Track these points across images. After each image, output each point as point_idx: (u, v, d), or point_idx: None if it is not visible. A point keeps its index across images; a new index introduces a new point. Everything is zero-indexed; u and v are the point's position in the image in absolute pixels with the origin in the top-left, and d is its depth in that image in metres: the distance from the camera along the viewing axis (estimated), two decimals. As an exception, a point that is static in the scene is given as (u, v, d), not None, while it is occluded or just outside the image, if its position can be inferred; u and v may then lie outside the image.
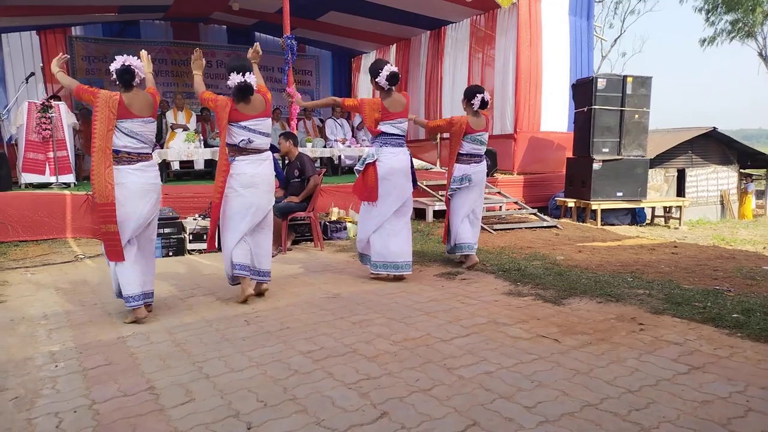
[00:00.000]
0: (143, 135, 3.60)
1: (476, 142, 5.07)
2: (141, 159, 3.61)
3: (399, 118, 4.61)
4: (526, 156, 9.85)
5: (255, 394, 2.51)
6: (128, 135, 3.53)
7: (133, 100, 3.57)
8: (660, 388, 2.49)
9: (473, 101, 5.01)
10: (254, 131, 3.97)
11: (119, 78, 3.54)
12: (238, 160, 3.97)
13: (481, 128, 5.07)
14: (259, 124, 3.99)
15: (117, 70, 3.52)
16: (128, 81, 3.55)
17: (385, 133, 4.58)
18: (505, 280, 4.58)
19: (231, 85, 3.90)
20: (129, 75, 3.53)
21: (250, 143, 3.96)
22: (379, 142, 4.61)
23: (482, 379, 2.62)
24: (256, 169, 3.99)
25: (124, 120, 3.51)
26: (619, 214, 8.66)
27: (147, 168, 3.64)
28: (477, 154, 5.11)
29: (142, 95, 3.64)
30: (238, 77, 3.86)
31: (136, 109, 3.56)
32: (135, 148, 3.57)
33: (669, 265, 5.16)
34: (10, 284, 4.71)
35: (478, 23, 10.64)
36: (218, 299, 4.18)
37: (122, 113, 3.50)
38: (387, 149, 4.58)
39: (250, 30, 13.24)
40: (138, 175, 3.57)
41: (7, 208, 6.22)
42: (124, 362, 2.94)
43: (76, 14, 10.66)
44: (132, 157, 3.57)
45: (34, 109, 7.12)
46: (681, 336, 3.16)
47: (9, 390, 2.61)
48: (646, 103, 8.35)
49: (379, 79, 4.53)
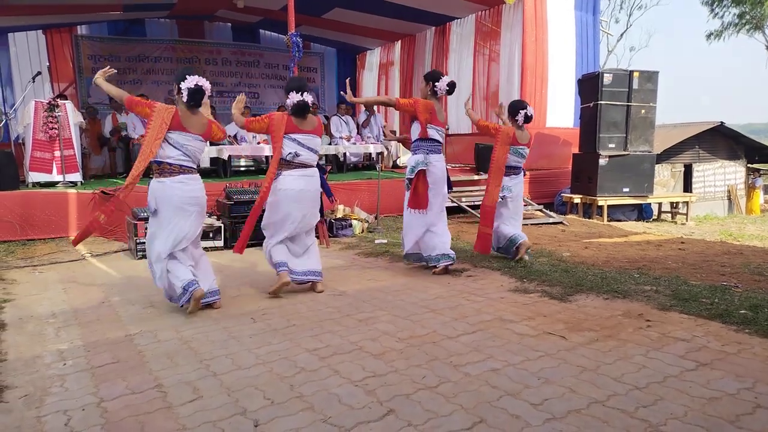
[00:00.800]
0: (189, 149, 3.68)
1: (518, 154, 5.10)
2: (183, 172, 3.68)
3: (442, 127, 4.76)
4: (532, 152, 9.65)
5: (262, 391, 2.52)
6: (174, 146, 3.63)
7: (189, 116, 3.69)
8: (667, 385, 2.48)
9: (517, 117, 5.05)
10: (303, 145, 4.11)
11: (191, 97, 3.62)
12: (284, 174, 4.11)
13: (525, 142, 5.10)
14: (309, 139, 4.14)
15: (190, 89, 3.60)
16: (199, 100, 3.68)
17: (430, 138, 4.68)
18: (511, 277, 4.57)
19: (290, 103, 4.07)
20: (200, 95, 3.66)
21: (297, 156, 4.09)
22: (424, 149, 4.69)
23: (489, 376, 2.62)
24: (301, 184, 4.12)
25: (174, 131, 3.61)
26: (625, 209, 8.63)
27: (189, 181, 3.71)
28: (516, 167, 5.14)
29: (198, 116, 3.77)
30: (297, 96, 4.03)
31: (189, 125, 3.67)
32: (179, 159, 3.65)
33: (676, 261, 5.14)
34: (19, 282, 4.74)
35: (483, 19, 10.61)
36: (224, 297, 4.19)
37: (175, 125, 3.61)
38: (432, 157, 4.68)
39: (254, 27, 13.25)
40: (179, 188, 3.65)
41: (15, 207, 6.26)
42: (131, 360, 2.96)
43: (81, 13, 10.69)
44: (174, 169, 3.65)
45: (41, 108, 7.14)
46: (688, 332, 3.14)
47: (18, 388, 2.63)
48: (652, 98, 8.31)
49: (439, 84, 4.64)
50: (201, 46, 12.87)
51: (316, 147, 4.21)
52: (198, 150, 3.78)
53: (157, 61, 12.35)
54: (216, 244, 6.08)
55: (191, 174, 3.74)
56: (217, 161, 8.87)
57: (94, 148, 9.60)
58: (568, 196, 8.80)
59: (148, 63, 12.25)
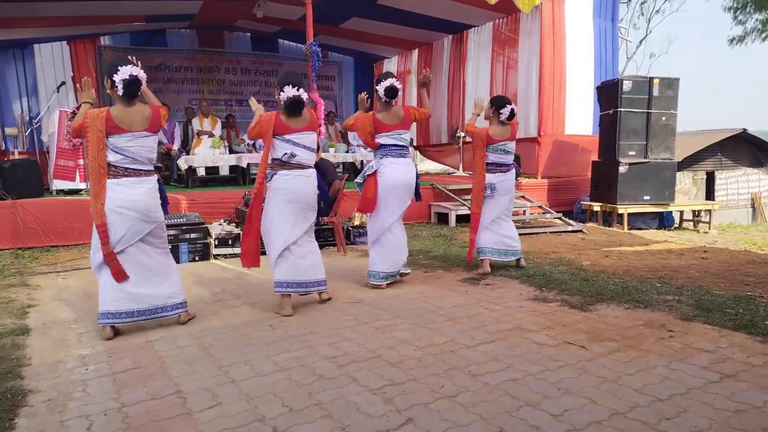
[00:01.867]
0: (131, 151, 3.39)
1: (500, 151, 5.05)
2: (129, 174, 3.41)
3: (395, 130, 4.55)
4: (551, 159, 9.76)
5: (280, 398, 2.53)
6: (115, 151, 3.37)
7: (124, 113, 3.39)
8: (691, 397, 2.44)
9: (502, 110, 4.99)
10: (298, 145, 3.91)
11: (126, 89, 3.35)
12: (279, 174, 3.91)
13: (504, 138, 5.04)
14: (303, 137, 3.93)
15: (124, 80, 3.33)
16: (135, 93, 3.40)
17: (383, 144, 4.57)
18: (530, 286, 4.54)
19: (285, 97, 3.84)
20: (136, 85, 3.38)
21: (293, 157, 3.92)
22: (379, 153, 4.61)
23: (508, 386, 2.60)
24: (298, 185, 3.93)
25: (111, 136, 3.35)
26: (646, 218, 8.51)
27: (131, 184, 3.42)
28: (502, 164, 5.09)
29: (137, 108, 3.45)
30: (293, 90, 3.82)
31: (127, 123, 3.38)
32: (124, 163, 3.40)
33: (699, 270, 5.05)
34: (42, 288, 4.83)
35: (500, 27, 10.60)
36: (243, 304, 4.22)
37: (110, 128, 3.34)
38: (387, 159, 4.55)
39: (273, 37, 13.40)
40: (118, 191, 3.39)
41: (40, 214, 6.38)
42: (152, 366, 2.99)
43: (104, 24, 10.91)
44: (118, 171, 3.40)
45: (65, 117, 7.30)
46: (712, 343, 3.09)
47: (42, 392, 2.67)
48: (673, 104, 8.20)
49: (378, 88, 4.53)
50: (221, 56, 13.05)
51: (312, 144, 3.99)
52: (144, 148, 3.45)
53: (178, 70, 12.55)
54: (235, 251, 6.12)
55: (138, 177, 3.44)
56: (236, 169, 8.96)
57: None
58: (587, 203, 8.71)
59: (168, 73, 12.45)
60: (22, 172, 6.64)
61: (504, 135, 5.05)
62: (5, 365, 2.98)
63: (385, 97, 4.51)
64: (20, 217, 6.23)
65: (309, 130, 3.98)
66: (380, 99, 4.56)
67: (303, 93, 3.88)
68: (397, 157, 4.57)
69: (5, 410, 2.45)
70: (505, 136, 5.05)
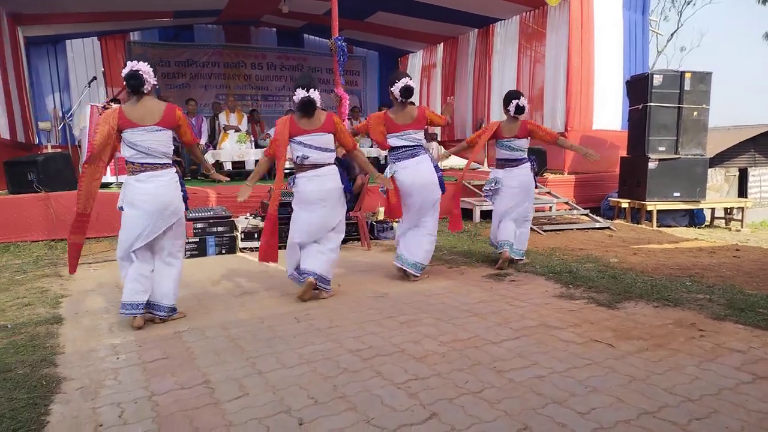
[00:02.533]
0: (144, 145, 3.43)
1: (506, 147, 5.07)
2: (145, 169, 3.47)
3: (406, 129, 4.51)
4: (578, 155, 9.59)
5: (306, 390, 2.56)
6: (128, 146, 3.45)
7: (134, 109, 3.44)
8: (722, 398, 2.39)
9: (509, 107, 5.03)
10: (309, 146, 3.96)
11: (127, 84, 3.40)
12: (298, 177, 4.03)
13: (511, 135, 5.04)
14: (314, 138, 3.97)
15: (125, 75, 3.38)
16: (136, 87, 3.41)
17: (394, 147, 4.57)
18: (556, 283, 4.49)
19: (296, 100, 3.92)
20: (135, 80, 3.39)
21: (305, 159, 3.98)
22: (391, 158, 4.62)
23: (533, 383, 2.58)
24: (315, 185, 4.00)
25: (124, 130, 3.44)
26: (676, 215, 8.34)
27: (148, 179, 3.47)
28: (511, 159, 5.08)
29: (148, 104, 3.48)
30: (302, 92, 3.87)
31: (137, 117, 3.43)
32: (138, 158, 3.46)
33: (730, 269, 4.94)
34: (75, 279, 4.95)
35: (527, 20, 10.47)
36: (269, 296, 4.27)
37: (122, 123, 3.42)
38: (399, 164, 4.54)
39: (298, 32, 13.48)
40: (136, 186, 3.46)
41: (72, 207, 6.46)
42: (180, 356, 3.05)
43: (134, 20, 11.11)
44: (135, 167, 3.47)
45: (96, 111, 7.44)
46: (744, 343, 3.02)
47: (75, 380, 2.74)
48: (705, 99, 8.01)
49: (393, 89, 4.51)
50: (247, 51, 13.17)
51: (325, 145, 4.01)
52: (157, 142, 3.46)
53: (205, 65, 12.71)
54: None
55: (154, 171, 3.47)
56: (261, 163, 9.04)
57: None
58: (615, 200, 8.58)
59: (196, 68, 12.62)
60: (55, 165, 6.80)
61: (512, 131, 5.04)
62: (40, 353, 3.07)
63: (401, 97, 4.49)
64: (53, 210, 6.39)
65: (321, 132, 4.00)
66: (396, 99, 4.53)
67: (314, 93, 3.90)
68: (408, 158, 4.53)
69: (41, 396, 2.53)
70: (513, 133, 5.04)
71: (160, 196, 3.49)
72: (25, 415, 2.35)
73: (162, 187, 3.51)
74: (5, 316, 3.79)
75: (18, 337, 3.34)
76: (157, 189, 3.49)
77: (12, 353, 3.07)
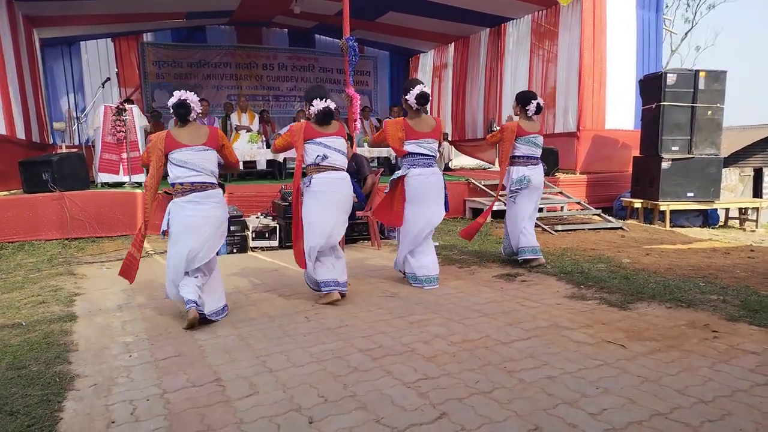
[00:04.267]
0: (195, 163, 3.54)
1: (531, 144, 5.04)
2: (195, 189, 3.54)
3: (426, 138, 4.47)
4: (590, 154, 9.56)
5: (316, 389, 2.56)
6: (178, 165, 3.54)
7: (181, 132, 3.59)
8: (736, 399, 2.36)
9: (528, 107, 5.02)
10: (329, 147, 4.02)
11: (175, 112, 3.57)
12: (315, 177, 4.00)
13: (534, 131, 5.04)
14: (334, 140, 4.05)
15: (174, 104, 3.55)
16: (184, 115, 3.57)
17: (411, 153, 4.47)
18: (568, 283, 4.46)
19: (315, 111, 3.99)
20: (184, 109, 3.55)
21: (325, 159, 4.01)
22: (406, 163, 4.52)
23: (544, 383, 2.57)
24: (336, 186, 4.03)
25: (172, 151, 3.53)
26: (689, 215, 8.26)
27: (202, 199, 3.55)
28: (533, 156, 5.07)
29: (194, 127, 3.64)
30: (322, 103, 3.97)
31: (185, 139, 3.56)
32: (187, 176, 3.53)
33: (745, 269, 4.88)
34: (88, 278, 5.00)
35: (539, 19, 10.42)
36: (280, 295, 4.29)
37: (170, 145, 3.53)
38: (414, 170, 4.46)
39: (310, 33, 13.51)
40: (190, 208, 3.52)
41: (86, 206, 6.61)
42: (192, 354, 3.07)
43: (147, 21, 11.21)
44: (185, 188, 3.54)
45: (110, 112, 7.53)
46: (759, 345, 2.98)
47: (88, 377, 2.77)
48: (720, 98, 7.92)
49: (408, 97, 4.44)
50: (258, 52, 13.24)
51: (342, 148, 4.09)
52: (206, 160, 3.58)
53: (217, 66, 12.79)
54: (272, 244, 6.24)
55: (205, 191, 3.57)
56: (273, 163, 9.09)
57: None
58: (628, 200, 8.51)
59: (208, 68, 12.70)
60: (69, 165, 6.88)
61: (534, 128, 5.06)
62: (54, 350, 3.11)
63: (416, 105, 4.44)
64: (67, 209, 6.47)
65: (338, 135, 4.09)
66: (411, 107, 4.48)
67: (331, 103, 4.00)
68: (425, 167, 4.49)
69: (55, 393, 2.56)
70: (535, 129, 5.06)
71: (215, 217, 3.61)
72: (39, 411, 2.38)
73: (216, 208, 3.62)
74: (20, 314, 3.84)
75: (32, 335, 3.38)
76: (213, 210, 3.60)
77: (26, 350, 3.10)
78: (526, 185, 5.00)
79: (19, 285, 4.67)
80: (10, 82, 7.84)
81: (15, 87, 8.10)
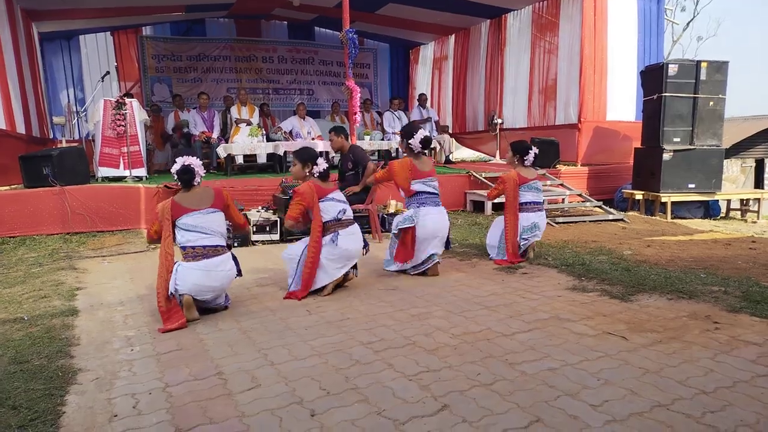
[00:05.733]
0: (204, 226, 3.56)
1: (533, 189, 5.08)
2: (207, 254, 3.54)
3: (429, 176, 4.67)
4: (591, 146, 9.54)
5: (318, 382, 2.57)
6: (186, 230, 3.55)
7: (187, 196, 3.62)
8: (737, 390, 2.36)
9: (526, 157, 5.09)
10: (342, 201, 4.19)
11: (179, 178, 3.60)
12: (342, 234, 4.07)
13: (533, 177, 5.10)
14: (340, 194, 4.24)
15: (178, 170, 3.57)
16: (188, 181, 3.61)
17: (419, 192, 4.62)
18: (569, 275, 4.46)
19: (320, 169, 4.12)
20: (188, 174, 3.59)
21: (344, 213, 4.16)
22: (415, 202, 4.64)
23: (546, 375, 2.57)
24: (355, 243, 4.15)
25: (180, 217, 3.55)
26: (690, 207, 8.25)
27: (213, 267, 3.54)
28: (538, 202, 5.10)
29: (198, 190, 3.67)
30: (325, 162, 4.15)
31: (191, 203, 3.59)
32: (197, 240, 3.54)
33: (746, 261, 4.87)
34: (89, 272, 5.01)
35: (540, 10, 10.36)
36: (281, 289, 4.29)
37: (177, 212, 3.56)
38: (424, 209, 4.59)
39: (309, 25, 13.45)
40: (198, 276, 3.49)
41: (86, 200, 6.60)
42: (194, 348, 3.08)
43: (146, 14, 11.15)
44: (197, 251, 3.54)
45: (110, 106, 7.51)
46: (760, 336, 2.98)
47: (90, 371, 2.78)
48: (721, 89, 7.88)
49: (412, 141, 4.64)
50: (258, 45, 13.18)
51: (345, 199, 4.29)
52: (214, 222, 3.61)
53: (217, 59, 12.74)
54: (272, 238, 6.24)
55: (217, 257, 3.57)
56: (273, 156, 9.08)
57: (157, 144, 10.02)
58: (629, 192, 8.50)
59: (207, 62, 12.65)
60: (70, 159, 6.88)
61: (532, 174, 5.13)
62: (56, 345, 3.12)
63: (420, 148, 4.65)
64: (68, 203, 6.47)
65: (336, 189, 4.28)
66: (412, 150, 4.67)
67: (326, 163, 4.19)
68: (433, 206, 4.65)
69: (57, 387, 2.57)
70: (533, 175, 5.12)
71: (223, 279, 3.64)
72: (42, 405, 2.38)
73: (224, 278, 3.64)
74: (22, 309, 3.84)
75: (34, 329, 3.39)
76: (221, 281, 3.62)
77: (29, 345, 3.11)
78: (537, 233, 5.03)
79: (20, 280, 4.68)
80: (10, 77, 7.83)
81: (14, 81, 8.08)
